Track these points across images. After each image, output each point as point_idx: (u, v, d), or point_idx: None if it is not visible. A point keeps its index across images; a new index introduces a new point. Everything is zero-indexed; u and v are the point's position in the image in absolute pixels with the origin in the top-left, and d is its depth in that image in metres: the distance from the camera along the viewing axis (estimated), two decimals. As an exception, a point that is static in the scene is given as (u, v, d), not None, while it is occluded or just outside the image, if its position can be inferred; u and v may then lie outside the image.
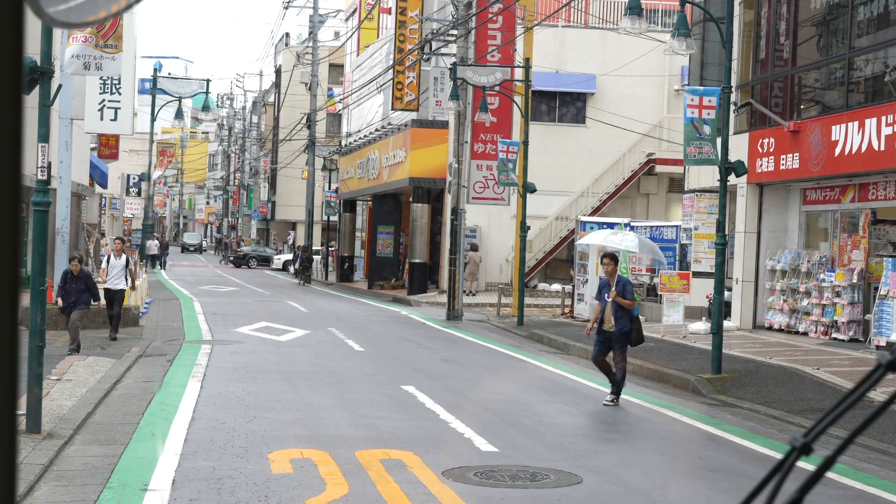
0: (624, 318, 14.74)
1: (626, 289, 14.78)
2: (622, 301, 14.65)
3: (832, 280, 21.93)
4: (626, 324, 14.73)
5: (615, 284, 14.79)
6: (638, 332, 14.91)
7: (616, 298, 14.63)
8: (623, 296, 14.70)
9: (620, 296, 14.67)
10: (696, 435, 12.73)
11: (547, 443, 11.56)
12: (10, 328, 1.16)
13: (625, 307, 14.74)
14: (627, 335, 14.77)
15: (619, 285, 14.78)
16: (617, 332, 14.70)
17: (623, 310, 14.74)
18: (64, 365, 16.43)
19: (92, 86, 25.82)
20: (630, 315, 14.84)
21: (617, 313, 14.72)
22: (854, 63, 21.32)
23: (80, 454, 10.30)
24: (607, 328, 14.77)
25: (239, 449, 10.58)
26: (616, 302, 14.68)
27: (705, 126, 17.45)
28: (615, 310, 14.71)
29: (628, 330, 14.76)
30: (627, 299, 14.72)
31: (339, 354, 19.80)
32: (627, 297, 14.73)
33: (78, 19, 1.32)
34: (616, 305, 14.68)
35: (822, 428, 1.48)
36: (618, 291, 14.72)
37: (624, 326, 14.71)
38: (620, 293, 14.72)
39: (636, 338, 14.91)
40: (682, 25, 17.53)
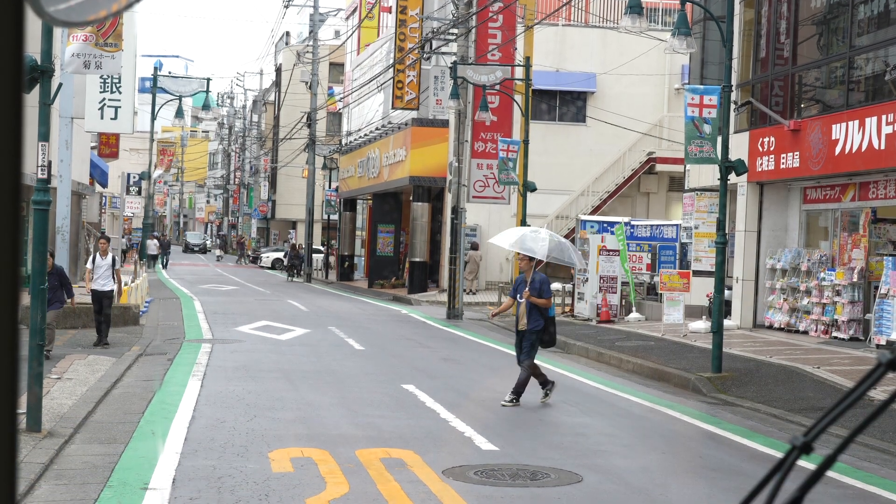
0: (538, 316, 14.17)
1: (542, 287, 14.18)
2: (537, 301, 14.07)
3: (832, 279, 21.94)
4: (540, 322, 14.16)
5: (531, 282, 14.17)
6: (551, 334, 14.33)
7: (530, 298, 14.05)
8: (539, 294, 14.12)
9: (536, 294, 14.10)
10: (697, 434, 12.74)
11: (547, 441, 11.56)
12: (10, 327, 1.16)
13: (540, 306, 14.16)
14: (540, 334, 14.18)
15: (535, 283, 14.16)
16: (528, 330, 14.14)
17: (538, 309, 14.16)
18: (64, 364, 16.43)
19: (92, 84, 25.82)
20: (545, 314, 14.26)
21: (531, 312, 14.14)
22: (854, 62, 21.32)
23: (81, 453, 10.30)
24: (521, 327, 14.22)
25: (239, 448, 10.58)
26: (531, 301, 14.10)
27: (706, 125, 17.44)
28: (529, 308, 14.12)
29: (541, 329, 14.17)
30: (544, 298, 14.13)
31: (340, 353, 19.80)
32: (544, 296, 14.14)
33: (78, 18, 1.32)
34: (531, 304, 14.09)
35: (822, 427, 1.48)
36: (533, 290, 14.11)
37: (537, 325, 14.13)
38: (536, 292, 14.12)
39: (549, 339, 14.33)
40: (682, 24, 17.52)
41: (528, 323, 14.12)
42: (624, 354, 20.18)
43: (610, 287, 27.75)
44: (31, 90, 10.91)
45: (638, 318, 27.88)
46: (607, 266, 27.80)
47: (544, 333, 14.23)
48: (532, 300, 14.05)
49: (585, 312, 28.34)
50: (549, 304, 14.22)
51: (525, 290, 14.12)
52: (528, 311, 14.11)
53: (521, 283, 14.31)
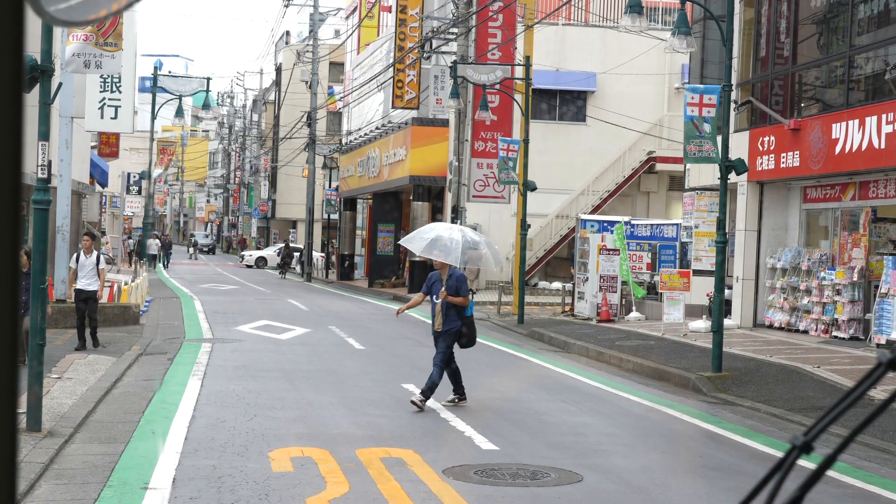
0: (455, 316, 13.53)
1: (459, 285, 13.47)
2: (453, 300, 13.41)
3: (833, 278, 21.94)
4: (457, 323, 13.52)
5: (447, 280, 13.45)
6: (469, 335, 13.70)
7: (447, 298, 13.37)
8: (456, 293, 13.45)
9: (453, 293, 13.42)
10: (697, 433, 12.74)
11: (547, 441, 11.56)
12: (10, 326, 1.16)
13: (457, 305, 13.52)
14: (457, 335, 13.54)
15: (452, 281, 13.44)
16: (445, 331, 13.47)
17: (455, 308, 13.51)
18: (64, 363, 16.44)
19: (92, 84, 25.81)
20: (462, 314, 13.61)
21: (448, 311, 13.47)
22: (854, 61, 21.32)
23: (81, 452, 10.30)
24: (437, 328, 13.55)
25: (239, 447, 10.58)
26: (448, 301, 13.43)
27: (705, 124, 17.44)
28: (446, 308, 13.44)
29: (458, 329, 13.52)
30: (461, 296, 13.48)
31: (340, 353, 19.80)
32: (461, 294, 13.49)
33: (78, 18, 1.32)
34: (447, 303, 13.42)
35: (822, 427, 1.48)
36: (450, 288, 13.40)
37: (453, 325, 13.49)
38: (453, 290, 13.43)
39: (467, 340, 13.70)
40: (682, 24, 17.52)
41: (444, 323, 13.45)
42: (624, 354, 20.18)
43: (610, 286, 27.74)
44: (31, 90, 10.91)
45: (638, 318, 27.88)
46: (607, 265, 27.80)
47: (461, 335, 13.59)
48: (449, 299, 13.37)
49: (585, 312, 28.34)
50: (467, 303, 13.56)
51: (441, 290, 13.39)
52: (444, 311, 13.43)
53: (436, 282, 13.54)
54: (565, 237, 39.95)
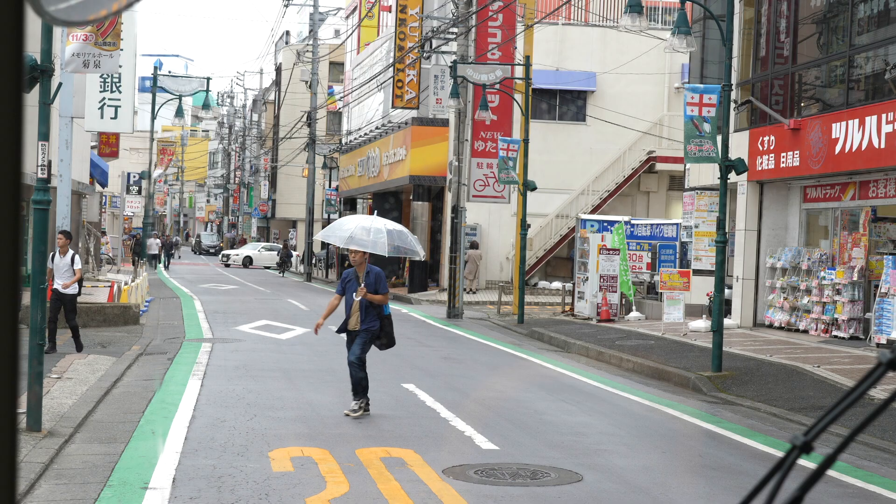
0: (374, 315, 12.73)
1: (378, 282, 12.69)
2: (373, 298, 12.60)
3: (833, 278, 21.94)
4: (375, 322, 12.72)
5: (365, 276, 12.67)
6: (388, 335, 12.93)
7: (366, 296, 12.57)
8: (375, 290, 12.64)
9: (372, 290, 12.60)
10: (697, 433, 12.74)
11: (547, 441, 11.56)
12: (10, 327, 1.16)
13: (376, 303, 12.73)
14: (375, 335, 12.77)
15: (370, 278, 12.64)
16: (363, 330, 12.64)
17: (374, 306, 12.71)
18: (64, 363, 16.44)
19: (92, 84, 25.80)
20: (381, 313, 12.83)
21: (367, 311, 12.66)
22: (854, 61, 21.31)
23: (81, 452, 10.30)
24: (352, 327, 12.70)
25: (239, 447, 10.58)
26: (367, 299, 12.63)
27: (705, 124, 17.44)
28: (364, 307, 12.64)
29: (377, 329, 12.75)
30: (380, 294, 12.68)
31: (340, 353, 19.70)
32: (380, 292, 12.68)
33: (78, 18, 1.31)
34: (366, 302, 12.62)
35: (822, 426, 1.48)
36: (369, 285, 12.60)
37: (372, 325, 12.70)
38: (372, 287, 12.62)
39: (387, 341, 12.95)
40: (682, 23, 17.52)
41: (362, 323, 12.64)
42: (624, 353, 20.17)
43: (610, 286, 27.74)
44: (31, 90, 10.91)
45: (638, 317, 27.87)
46: (607, 265, 27.80)
47: (380, 335, 12.84)
48: (368, 297, 12.58)
49: (586, 311, 28.35)
50: (387, 301, 12.83)
51: (360, 287, 12.61)
52: (362, 310, 12.62)
53: (353, 279, 12.76)
54: (565, 237, 39.94)
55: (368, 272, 12.66)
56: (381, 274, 12.81)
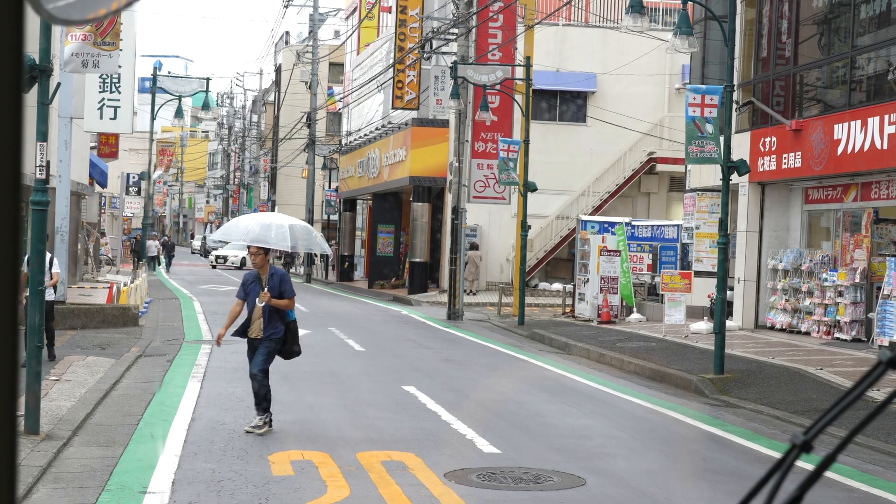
0: (278, 321, 11.65)
1: (283, 285, 11.64)
2: (277, 303, 11.54)
3: (835, 279, 21.85)
4: (280, 329, 11.65)
5: (268, 279, 11.62)
6: (293, 343, 11.90)
7: (270, 301, 11.50)
8: (280, 294, 11.58)
9: (276, 294, 11.54)
10: (700, 436, 12.65)
11: (549, 444, 11.47)
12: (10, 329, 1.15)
13: (280, 309, 11.68)
14: (279, 343, 11.74)
15: (274, 280, 11.59)
16: (266, 338, 11.62)
17: (277, 312, 11.64)
18: (63, 365, 16.35)
19: (91, 84, 25.71)
20: (285, 318, 11.76)
21: (270, 316, 11.59)
22: (856, 61, 21.23)
23: (79, 456, 10.22)
24: (254, 335, 11.64)
25: (239, 450, 10.49)
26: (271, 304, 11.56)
27: (707, 124, 17.36)
28: (268, 313, 11.57)
29: (281, 336, 11.69)
30: (286, 298, 11.62)
31: (340, 354, 19.71)
32: (286, 296, 11.61)
33: (77, 17, 1.31)
34: (269, 307, 11.57)
35: (822, 426, 1.48)
36: (273, 288, 11.55)
37: (276, 332, 11.63)
38: (276, 291, 11.56)
39: (289, 349, 11.90)
40: (684, 24, 17.44)
41: (265, 330, 11.59)
42: (625, 355, 20.09)
43: (611, 288, 27.65)
44: (29, 89, 10.83)
45: (639, 319, 27.79)
46: (608, 267, 27.72)
47: (286, 341, 11.80)
48: (272, 302, 11.53)
49: (586, 313, 28.26)
50: (292, 305, 11.75)
51: (263, 291, 11.52)
52: (265, 316, 11.57)
53: (254, 282, 11.69)
54: (565, 238, 39.84)
55: (272, 274, 11.62)
56: (286, 276, 11.88)
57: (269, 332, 11.58)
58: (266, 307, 11.52)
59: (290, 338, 11.80)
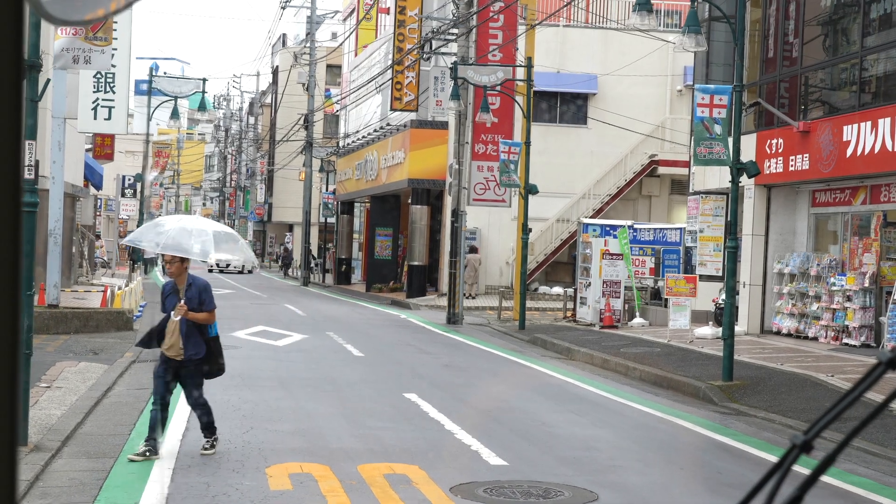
0: (198, 338, 10.32)
1: (202, 296, 10.36)
2: (195, 316, 10.23)
3: (843, 284, 21.42)
4: (201, 347, 10.32)
5: (186, 289, 10.34)
6: (216, 361, 10.49)
7: (187, 314, 10.20)
8: (199, 307, 10.29)
9: (195, 307, 10.25)
10: (713, 446, 12.20)
11: (558, 455, 11.03)
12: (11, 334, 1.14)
13: (201, 322, 10.36)
14: (202, 363, 10.37)
15: (193, 291, 10.31)
16: (188, 359, 10.25)
17: (197, 327, 10.32)
18: (54, 371, 15.91)
19: (85, 84, 25.26)
20: (206, 334, 10.43)
21: (189, 332, 10.27)
22: (866, 62, 20.82)
23: (68, 468, 9.78)
24: (174, 354, 10.27)
25: (235, 463, 10.06)
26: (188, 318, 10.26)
27: (716, 125, 16.94)
28: (186, 328, 10.26)
29: (203, 356, 10.33)
30: (205, 311, 10.34)
31: (339, 360, 19.28)
32: (206, 308, 10.34)
33: (77, 17, 1.30)
34: (188, 321, 10.27)
35: (822, 425, 1.48)
36: (191, 300, 10.26)
37: (197, 352, 10.30)
38: (194, 304, 10.27)
39: (215, 368, 10.55)
40: (692, 22, 17.02)
41: (185, 349, 10.26)
42: (630, 361, 19.66)
43: (613, 292, 27.23)
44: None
45: (642, 324, 27.37)
46: (610, 270, 27.29)
47: (209, 360, 10.42)
48: (189, 316, 10.21)
49: (588, 317, 27.82)
50: (213, 319, 10.41)
51: (179, 303, 10.25)
52: (183, 332, 10.24)
53: (171, 293, 10.45)
54: (565, 241, 39.42)
55: (190, 284, 10.31)
56: (207, 286, 10.50)
57: (190, 352, 10.26)
58: (183, 321, 10.22)
59: (211, 356, 10.42)
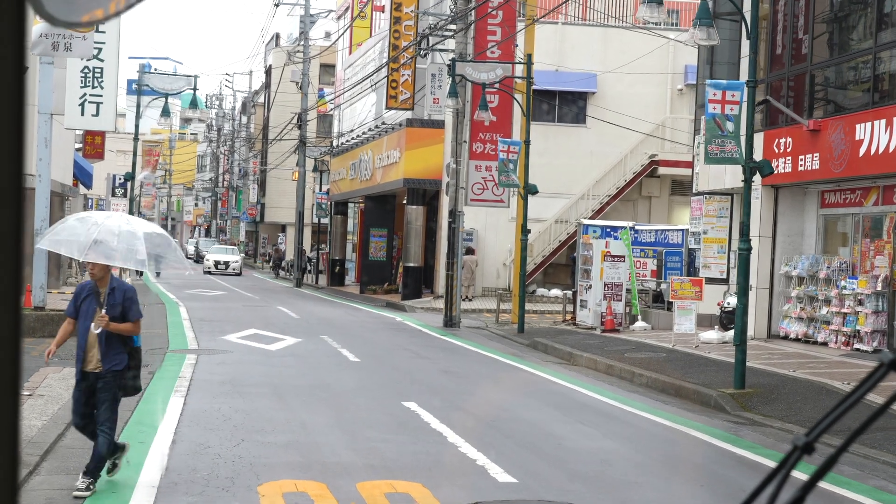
0: (119, 348, 9.03)
1: (127, 303, 8.99)
2: (118, 328, 8.91)
3: (854, 287, 20.75)
4: (122, 358, 9.03)
5: (108, 294, 8.93)
6: (135, 375, 9.25)
7: (109, 325, 8.84)
8: (123, 316, 8.94)
9: (119, 315, 8.90)
10: (732, 461, 11.50)
11: (571, 471, 10.34)
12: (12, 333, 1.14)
13: (124, 334, 9.02)
14: (121, 377, 9.04)
15: (116, 297, 8.92)
16: (107, 371, 8.92)
17: (120, 337, 9.00)
18: (37, 378, 15.18)
19: (72, 79, 24.51)
20: (130, 344, 9.14)
21: (109, 343, 8.94)
22: (880, 58, 20.15)
23: (46, 486, 9.09)
24: (91, 368, 8.94)
25: (224, 480, 9.35)
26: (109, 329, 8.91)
27: (728, 122, 16.26)
28: (106, 339, 8.92)
29: (123, 369, 9.04)
30: (130, 321, 8.99)
31: (334, 365, 18.58)
32: (131, 318, 8.99)
33: (77, 18, 1.29)
34: (108, 332, 8.92)
35: (824, 427, 1.47)
36: (113, 308, 8.88)
37: (117, 363, 8.98)
38: (116, 311, 8.90)
39: (132, 384, 9.22)
40: (704, 14, 16.36)
41: (104, 362, 8.94)
42: (636, 367, 18.98)
43: (615, 294, 26.55)
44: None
45: (644, 327, 26.71)
46: (612, 272, 26.62)
47: (127, 374, 9.09)
48: (112, 327, 8.87)
49: (588, 321, 27.13)
50: (138, 331, 9.14)
51: (100, 312, 8.86)
52: (103, 343, 8.94)
53: (89, 297, 9.05)
54: (564, 242, 38.74)
55: (113, 289, 8.93)
56: (133, 292, 9.10)
57: (109, 363, 8.92)
58: (104, 332, 8.88)
59: (132, 369, 9.12)
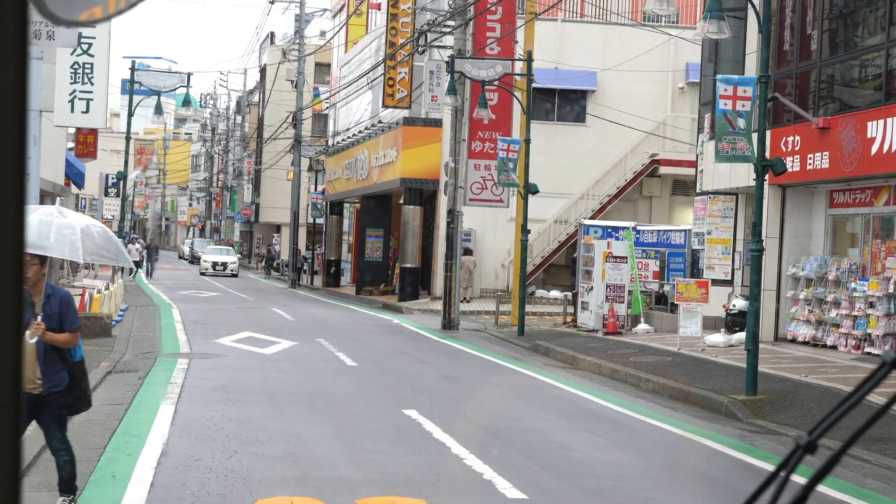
0: (59, 364, 7.97)
1: (63, 311, 7.88)
2: (54, 338, 7.79)
3: (865, 289, 20.19)
4: (63, 377, 7.98)
5: (43, 302, 7.80)
6: (82, 391, 8.15)
7: (44, 335, 7.72)
8: (60, 325, 7.84)
9: (56, 324, 7.80)
10: (752, 473, 10.89)
11: (582, 486, 9.76)
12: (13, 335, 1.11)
13: (61, 345, 7.91)
14: (65, 396, 8.00)
15: (53, 305, 7.82)
16: (48, 393, 7.88)
17: (57, 350, 7.92)
18: (21, 383, 14.58)
19: (62, 75, 23.92)
20: (70, 359, 8.04)
21: (48, 357, 7.89)
22: (892, 53, 19.59)
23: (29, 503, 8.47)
24: (31, 388, 7.82)
25: (216, 496, 8.77)
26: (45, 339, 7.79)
27: (739, 119, 15.73)
28: (43, 351, 7.85)
29: (65, 388, 7.98)
30: (67, 331, 7.88)
31: (330, 370, 17.98)
32: (68, 328, 7.88)
33: (77, 17, 1.27)
34: (46, 344, 7.82)
35: (826, 426, 1.48)
36: (49, 317, 7.78)
37: (57, 383, 7.93)
38: (54, 320, 7.80)
39: (82, 401, 8.18)
40: (714, 7, 15.77)
41: (45, 380, 7.89)
42: (641, 372, 18.41)
43: (617, 296, 25.98)
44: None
45: (647, 330, 26.15)
46: (614, 274, 26.05)
47: (70, 393, 8.03)
48: (48, 337, 7.77)
49: (590, 323, 26.56)
50: (76, 342, 8.00)
51: (35, 321, 7.68)
52: (41, 358, 7.87)
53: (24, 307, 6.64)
54: (564, 243, 38.16)
55: (49, 295, 7.85)
56: (69, 299, 8.05)
57: (49, 384, 7.89)
58: (41, 344, 7.80)
59: (75, 386, 8.07)
